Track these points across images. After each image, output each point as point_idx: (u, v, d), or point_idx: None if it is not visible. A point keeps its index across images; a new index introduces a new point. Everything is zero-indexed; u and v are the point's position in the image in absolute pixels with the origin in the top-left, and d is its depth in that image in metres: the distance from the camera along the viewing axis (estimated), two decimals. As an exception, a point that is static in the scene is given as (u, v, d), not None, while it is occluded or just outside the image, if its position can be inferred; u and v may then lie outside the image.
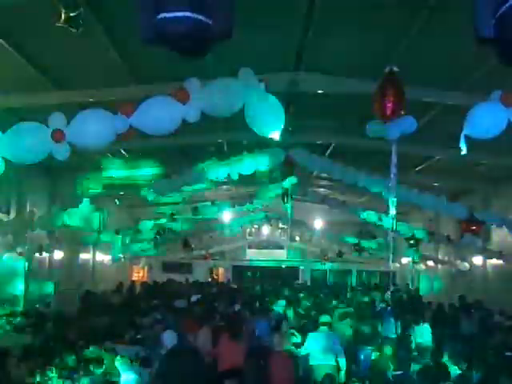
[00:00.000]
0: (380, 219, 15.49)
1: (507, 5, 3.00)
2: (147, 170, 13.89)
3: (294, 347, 10.04)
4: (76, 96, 9.47)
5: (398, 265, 24.54)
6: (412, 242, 17.87)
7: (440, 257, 21.61)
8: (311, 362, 9.56)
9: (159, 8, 3.44)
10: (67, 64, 8.56)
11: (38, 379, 7.34)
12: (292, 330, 10.90)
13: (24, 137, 5.21)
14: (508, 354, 9.47)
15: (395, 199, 8.82)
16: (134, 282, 25.44)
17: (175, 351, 8.57)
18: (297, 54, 8.77)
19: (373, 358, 10.19)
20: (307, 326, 11.65)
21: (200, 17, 3.39)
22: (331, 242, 28.44)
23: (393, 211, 9.06)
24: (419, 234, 16.85)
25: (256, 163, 12.30)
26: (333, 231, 27.16)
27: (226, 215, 26.23)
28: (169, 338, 10.48)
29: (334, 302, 15.64)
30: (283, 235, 31.92)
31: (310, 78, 9.33)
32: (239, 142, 13.37)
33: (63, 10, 6.26)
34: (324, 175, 17.14)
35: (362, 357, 10.81)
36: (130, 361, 8.79)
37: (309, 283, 29.10)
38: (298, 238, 31.66)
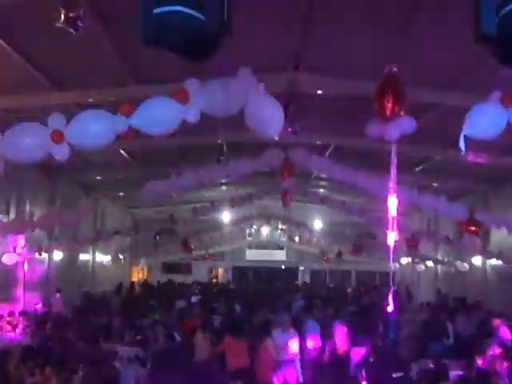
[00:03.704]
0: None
1: (508, 7, 3.01)
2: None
3: None
4: (76, 96, 9.47)
5: (397, 265, 24.54)
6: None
7: (439, 257, 21.62)
8: None
9: (159, 6, 3.44)
10: (67, 64, 8.55)
11: (37, 379, 7.34)
12: None
13: (24, 137, 5.21)
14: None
15: (395, 199, 8.80)
16: (133, 282, 25.47)
17: (164, 350, 8.61)
18: (297, 54, 8.76)
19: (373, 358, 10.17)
20: None
21: (190, 11, 3.39)
22: (331, 242, 28.46)
23: (393, 212, 9.03)
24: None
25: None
26: (332, 232, 27.18)
27: (226, 216, 26.26)
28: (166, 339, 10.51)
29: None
30: (283, 236, 31.97)
31: (310, 78, 9.33)
32: (239, 143, 13.37)
33: (63, 11, 6.26)
34: (324, 175, 17.13)
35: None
36: (130, 361, 8.80)
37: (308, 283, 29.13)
38: (297, 239, 31.70)
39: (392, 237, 7.08)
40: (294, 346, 9.59)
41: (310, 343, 10.65)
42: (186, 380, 8.10)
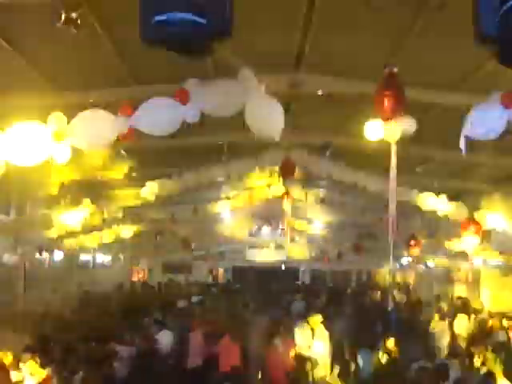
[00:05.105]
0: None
1: (508, 4, 3.01)
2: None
3: None
4: (76, 97, 9.45)
5: (397, 265, 24.56)
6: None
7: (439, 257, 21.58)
8: None
9: (158, 9, 3.46)
10: (67, 64, 8.54)
11: (37, 379, 7.35)
12: None
13: (24, 138, 5.22)
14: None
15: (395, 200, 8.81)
16: (134, 282, 25.49)
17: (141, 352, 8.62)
18: (297, 55, 8.76)
19: (375, 359, 10.18)
20: None
21: (192, 17, 3.40)
22: (331, 242, 28.44)
23: (393, 212, 9.04)
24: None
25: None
26: (332, 232, 27.11)
27: (226, 216, 26.21)
28: (165, 339, 10.55)
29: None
30: (283, 236, 31.95)
31: (310, 78, 9.33)
32: (239, 143, 13.36)
33: (63, 11, 6.26)
34: (324, 175, 17.12)
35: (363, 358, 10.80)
36: (130, 361, 8.81)
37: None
38: (297, 239, 31.67)
39: (392, 237, 7.10)
40: None
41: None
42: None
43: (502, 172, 14.77)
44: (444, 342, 12.63)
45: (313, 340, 10.56)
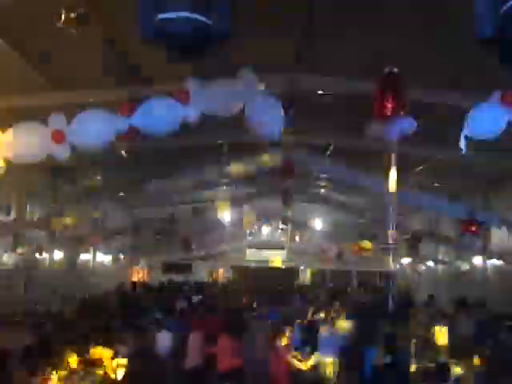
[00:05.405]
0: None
1: (508, 4, 3.01)
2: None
3: None
4: (76, 96, 9.46)
5: (398, 265, 24.54)
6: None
7: (440, 257, 21.62)
8: None
9: (159, 8, 3.46)
10: (67, 64, 8.55)
11: (38, 379, 7.34)
12: None
13: (24, 137, 5.22)
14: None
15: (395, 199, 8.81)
16: (134, 282, 25.48)
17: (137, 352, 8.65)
18: (297, 55, 8.77)
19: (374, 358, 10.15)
20: None
21: (199, 17, 3.41)
22: (331, 242, 28.46)
23: (392, 212, 9.06)
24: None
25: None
26: (333, 232, 27.14)
27: (226, 216, 26.23)
28: (164, 339, 10.55)
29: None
30: (283, 236, 31.94)
31: (310, 78, 9.34)
32: (239, 143, 13.38)
33: (63, 11, 6.27)
34: (324, 175, 17.14)
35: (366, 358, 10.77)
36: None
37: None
38: (297, 239, 31.67)
39: (392, 237, 7.11)
40: None
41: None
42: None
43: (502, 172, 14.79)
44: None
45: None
